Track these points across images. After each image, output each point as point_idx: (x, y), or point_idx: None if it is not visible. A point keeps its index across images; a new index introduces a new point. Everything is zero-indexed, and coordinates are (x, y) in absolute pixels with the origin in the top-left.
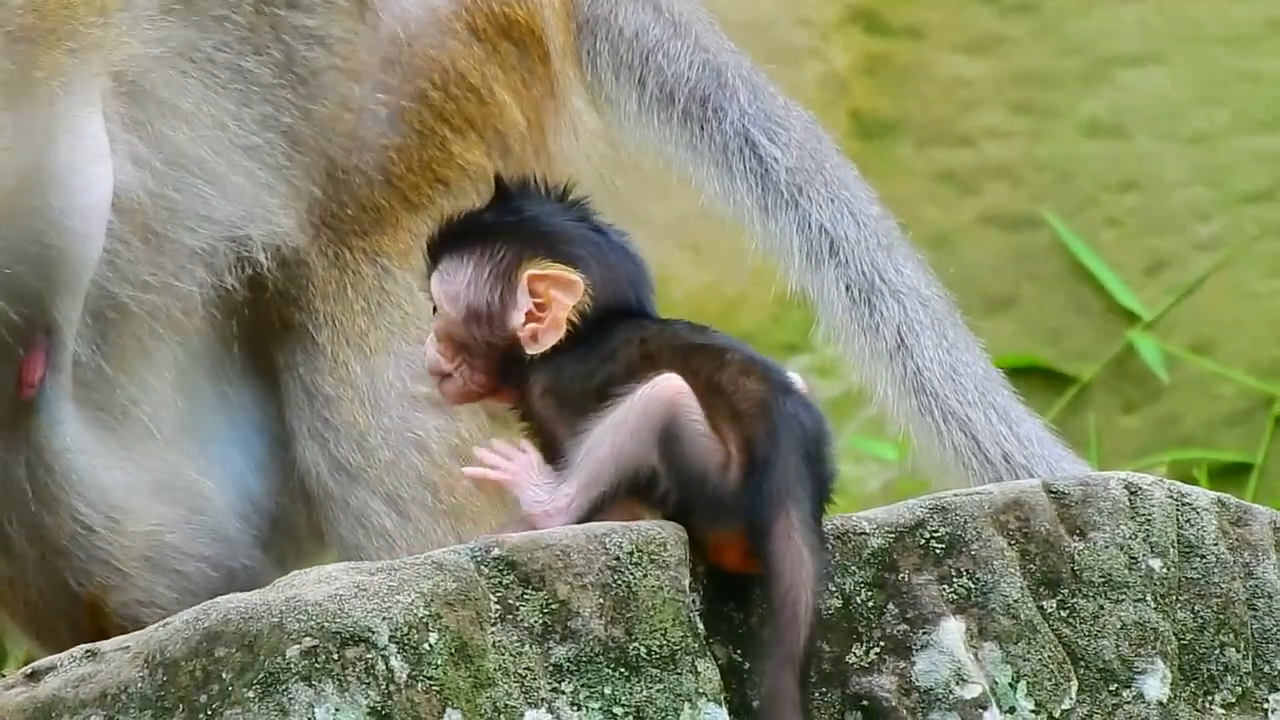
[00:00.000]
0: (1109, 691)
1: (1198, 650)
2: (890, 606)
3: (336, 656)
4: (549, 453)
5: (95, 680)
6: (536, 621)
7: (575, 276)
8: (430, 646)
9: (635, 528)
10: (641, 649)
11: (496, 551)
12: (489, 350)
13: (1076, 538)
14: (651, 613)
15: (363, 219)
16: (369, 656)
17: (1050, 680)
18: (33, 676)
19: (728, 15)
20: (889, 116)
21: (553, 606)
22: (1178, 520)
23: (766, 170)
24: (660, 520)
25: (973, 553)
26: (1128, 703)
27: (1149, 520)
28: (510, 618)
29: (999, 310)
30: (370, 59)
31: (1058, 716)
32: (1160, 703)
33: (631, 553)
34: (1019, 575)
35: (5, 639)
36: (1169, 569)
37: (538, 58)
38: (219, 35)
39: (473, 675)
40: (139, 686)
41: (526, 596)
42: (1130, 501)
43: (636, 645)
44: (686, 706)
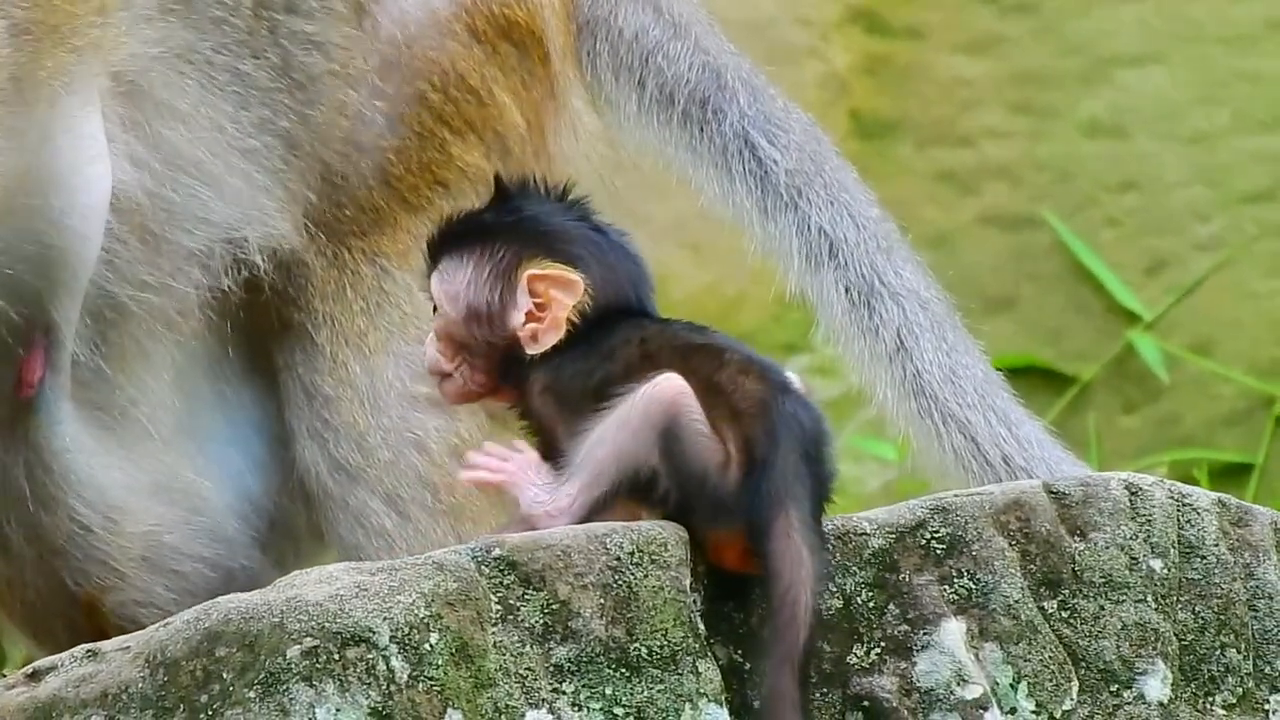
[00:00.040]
0: (1110, 692)
1: (1198, 651)
2: (891, 607)
3: (337, 656)
4: (547, 451)
5: (96, 680)
6: (537, 622)
7: (575, 276)
8: (431, 647)
9: (636, 528)
10: (642, 649)
11: (497, 551)
12: (489, 350)
13: (1077, 538)
14: (652, 613)
15: (361, 220)
16: (370, 657)
17: (1051, 681)
18: (33, 676)
19: (728, 15)
20: (889, 116)
21: (553, 607)
22: (1178, 521)
23: (766, 172)
24: (661, 520)
25: (973, 553)
26: (1128, 703)
27: (1150, 521)
28: (511, 618)
29: (999, 310)
30: (368, 64)
31: (1058, 717)
32: (1161, 704)
33: (632, 553)
34: (1020, 576)
35: (4, 640)
36: (1170, 570)
37: (538, 59)
38: (217, 37)
39: (473, 675)
40: (140, 686)
41: (527, 597)
42: (1131, 502)
43: (637, 645)
44: (687, 707)
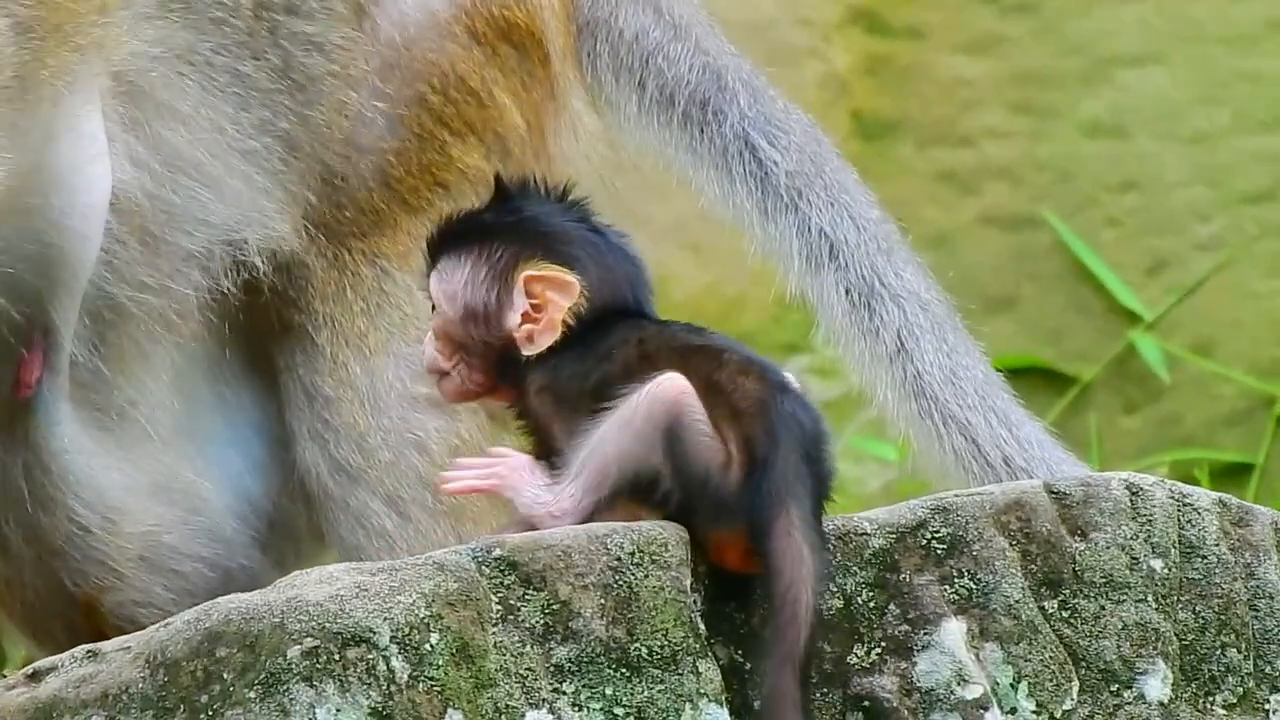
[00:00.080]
0: (1110, 692)
1: (1199, 651)
2: (891, 607)
3: (338, 657)
4: (544, 451)
5: (96, 681)
6: (538, 622)
7: (571, 278)
8: (431, 647)
9: (637, 528)
10: (643, 649)
11: (498, 552)
12: (485, 350)
13: (1078, 538)
14: (653, 613)
15: (361, 221)
16: (370, 657)
17: (1051, 681)
18: (34, 677)
19: (728, 16)
20: (889, 117)
21: (554, 607)
22: (1179, 521)
23: (766, 174)
24: (662, 520)
25: (974, 553)
26: (1129, 703)
27: (1150, 521)
28: (511, 618)
29: (999, 311)
30: (368, 65)
31: (1059, 717)
32: (1161, 703)
33: (633, 553)
34: (1020, 576)
35: (5, 640)
36: (1170, 569)
37: (538, 60)
38: (218, 38)
39: (474, 676)
40: (140, 687)
41: (528, 597)
42: (1131, 502)
43: (638, 646)
44: (688, 707)
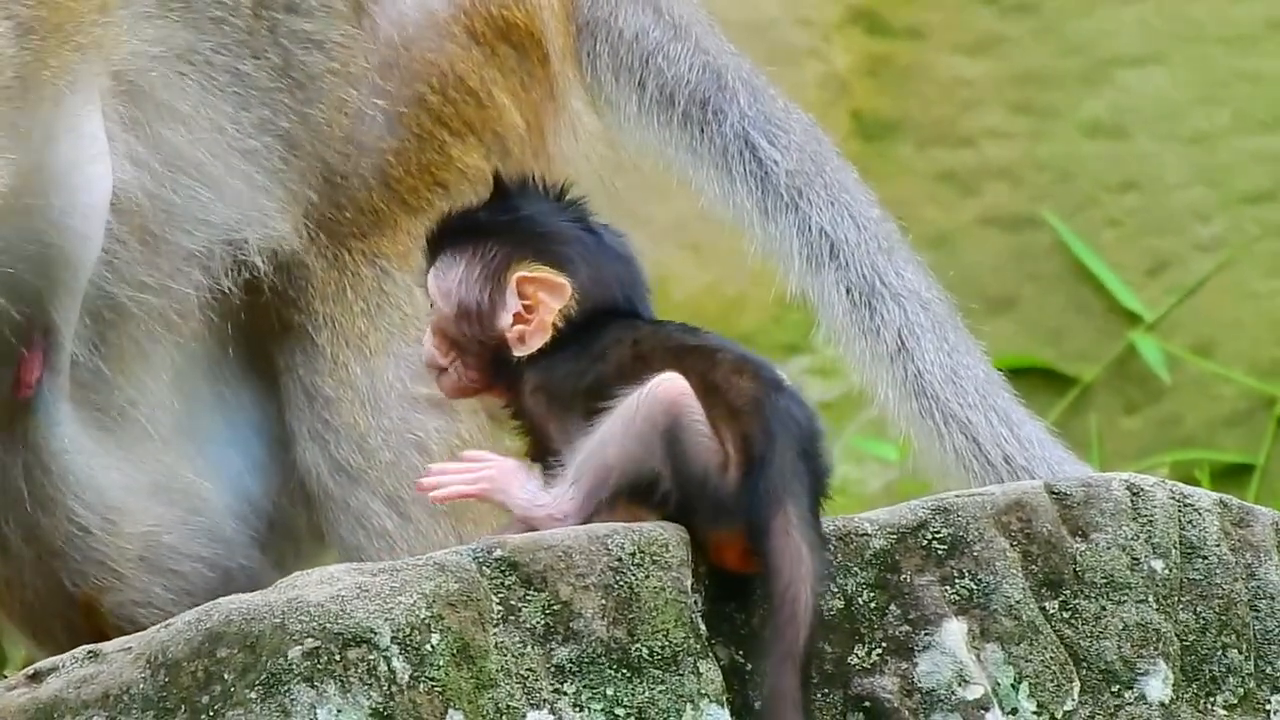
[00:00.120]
0: (1111, 693)
1: (1200, 651)
2: (892, 607)
3: (339, 657)
4: (539, 452)
5: (97, 681)
6: (539, 622)
7: (562, 280)
8: (432, 647)
9: (637, 529)
10: (644, 650)
11: (499, 552)
12: (480, 348)
13: (1078, 539)
14: (654, 614)
15: (361, 221)
16: (371, 657)
17: (1052, 681)
18: (35, 677)
19: (728, 16)
20: (890, 117)
21: (555, 607)
22: (1180, 521)
23: (766, 173)
24: (662, 521)
25: (975, 554)
26: (1130, 704)
27: (1151, 521)
28: (512, 619)
29: (1000, 311)
30: (368, 63)
31: (1060, 718)
32: (1162, 704)
33: (634, 554)
34: (1021, 576)
35: (5, 641)
36: (1171, 570)
37: (537, 60)
38: (217, 38)
39: (475, 676)
40: (141, 687)
41: (529, 597)
42: (1132, 503)
43: (639, 646)
44: (689, 708)
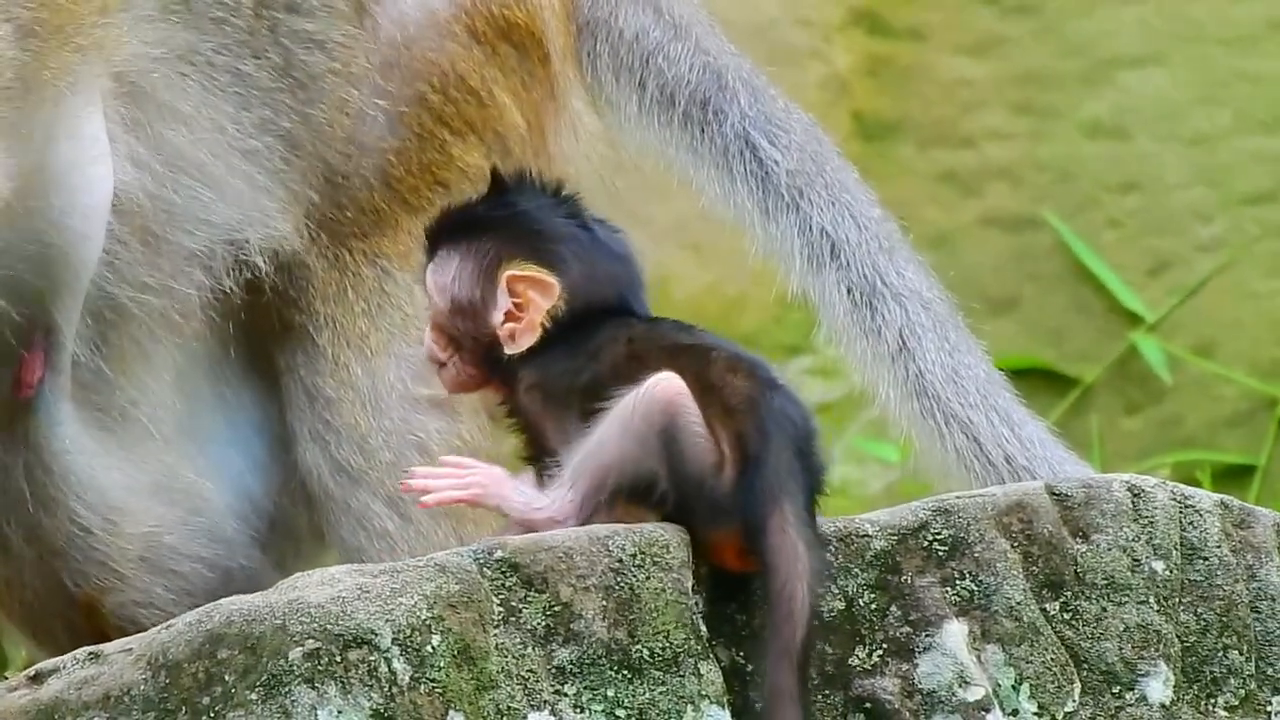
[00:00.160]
0: (1112, 694)
1: (1200, 653)
2: (893, 609)
3: (339, 659)
4: (535, 451)
5: (98, 682)
6: (539, 624)
7: (551, 279)
8: (433, 649)
9: (638, 530)
10: (644, 651)
11: (499, 554)
12: (475, 344)
13: (1079, 540)
14: (654, 615)
15: (362, 221)
16: (372, 659)
17: (1053, 683)
18: (36, 679)
19: (729, 17)
20: (890, 118)
21: (555, 609)
22: (1180, 522)
23: (767, 173)
24: (663, 522)
25: (975, 555)
26: (1130, 705)
27: (1152, 522)
28: (513, 620)
29: (1001, 311)
30: (369, 63)
31: (1060, 719)
32: (1163, 705)
33: (634, 555)
34: (1022, 577)
35: (6, 642)
36: (1172, 571)
37: (538, 60)
38: (218, 38)
39: (475, 677)
40: (142, 689)
41: (529, 599)
42: (1133, 504)
43: (639, 647)
44: (689, 709)
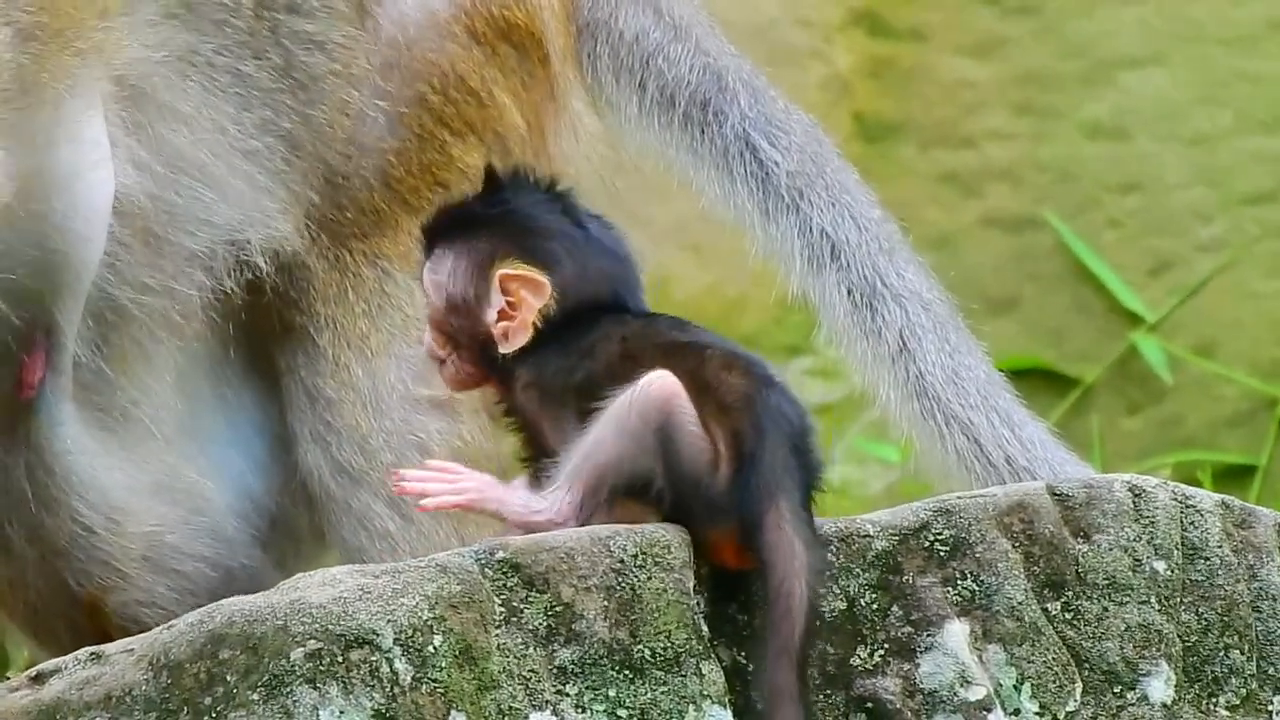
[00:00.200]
0: (1113, 694)
1: (1202, 652)
2: (894, 609)
3: (341, 659)
4: (533, 451)
5: (100, 683)
6: (541, 624)
7: (543, 279)
8: (435, 649)
9: (639, 530)
10: (646, 651)
11: (501, 554)
12: (470, 342)
13: (1080, 540)
14: (656, 615)
15: (363, 222)
16: (373, 659)
17: (1054, 682)
18: (37, 679)
19: (729, 17)
20: (891, 118)
21: (557, 609)
22: (1181, 522)
23: (767, 174)
24: (664, 523)
25: (977, 555)
26: (1132, 705)
27: (1153, 522)
28: (515, 620)
29: (1001, 312)
30: (369, 64)
31: (1062, 719)
32: (1164, 705)
33: (635, 555)
34: (1023, 577)
35: (8, 642)
36: (1173, 571)
37: (538, 60)
38: (219, 39)
39: (477, 677)
40: (143, 689)
41: (531, 599)
42: (1134, 504)
43: (641, 648)
44: (691, 709)
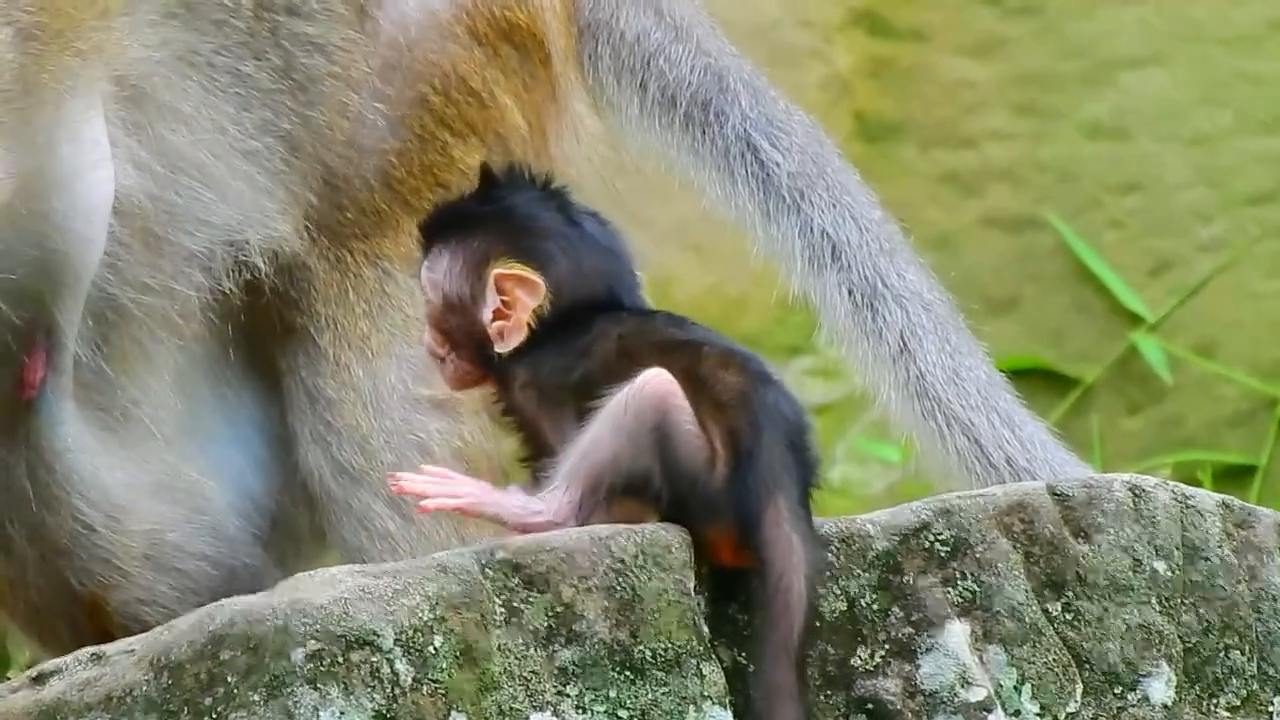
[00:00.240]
0: (1114, 694)
1: (1202, 653)
2: (895, 609)
3: (341, 659)
4: (533, 450)
5: (100, 683)
6: (541, 624)
7: (537, 278)
8: (435, 649)
9: (639, 531)
10: (646, 652)
11: (501, 554)
12: (468, 341)
13: (1081, 540)
14: (656, 615)
15: (363, 223)
16: (374, 659)
17: (1055, 683)
18: (38, 679)
19: (730, 17)
20: (892, 118)
21: (558, 609)
22: (1182, 523)
23: (768, 175)
24: (664, 523)
25: (977, 555)
26: (1132, 705)
27: (1153, 523)
28: (515, 620)
29: (1002, 312)
30: (369, 67)
31: (1062, 719)
32: (1165, 705)
33: (636, 555)
34: (1023, 578)
35: (9, 643)
36: (1173, 571)
37: (539, 61)
38: (219, 40)
39: (478, 678)
40: (144, 689)
41: (531, 599)
42: (1134, 504)
43: (641, 648)
44: (691, 709)
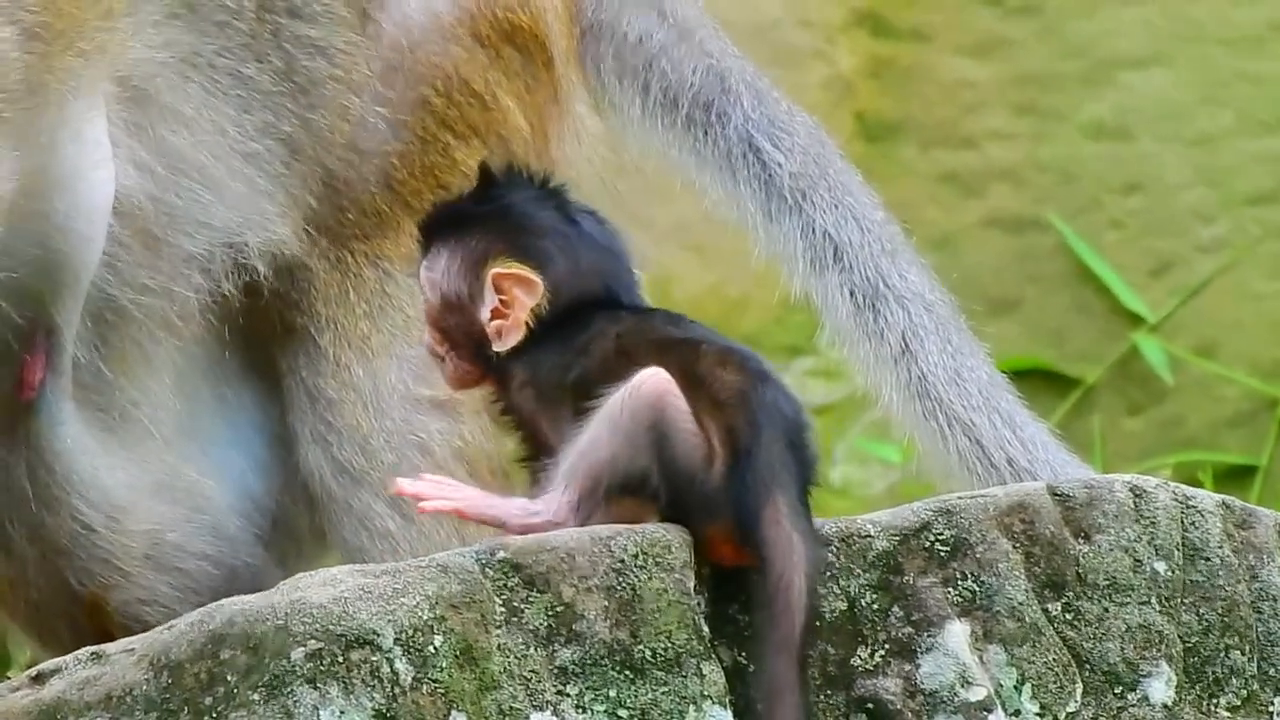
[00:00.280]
0: (1114, 694)
1: (1203, 653)
2: (895, 609)
3: (341, 659)
4: (532, 450)
5: (100, 683)
6: (541, 624)
7: (535, 278)
8: (435, 649)
9: (640, 530)
10: (646, 651)
11: (501, 554)
12: (466, 340)
13: (1081, 540)
14: (656, 615)
15: (364, 224)
16: (374, 659)
17: (1055, 683)
18: (38, 679)
19: (732, 18)
20: (893, 119)
21: (558, 609)
22: (1182, 523)
23: (770, 176)
24: (664, 523)
25: (978, 555)
26: (1133, 705)
27: (1154, 523)
28: (515, 620)
29: (1003, 312)
30: (371, 69)
31: (1062, 719)
32: (1165, 706)
33: (636, 555)
34: (1024, 578)
35: (9, 642)
36: (1174, 572)
37: (541, 63)
38: (221, 41)
39: (478, 678)
40: (144, 689)
41: (531, 599)
42: (1135, 504)
43: (641, 648)
44: (692, 709)
